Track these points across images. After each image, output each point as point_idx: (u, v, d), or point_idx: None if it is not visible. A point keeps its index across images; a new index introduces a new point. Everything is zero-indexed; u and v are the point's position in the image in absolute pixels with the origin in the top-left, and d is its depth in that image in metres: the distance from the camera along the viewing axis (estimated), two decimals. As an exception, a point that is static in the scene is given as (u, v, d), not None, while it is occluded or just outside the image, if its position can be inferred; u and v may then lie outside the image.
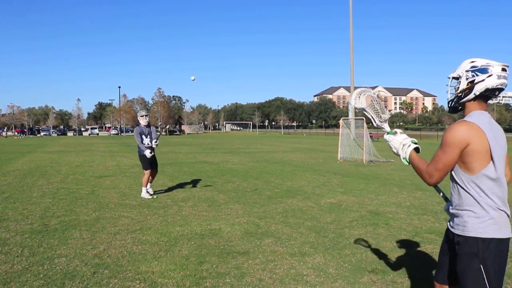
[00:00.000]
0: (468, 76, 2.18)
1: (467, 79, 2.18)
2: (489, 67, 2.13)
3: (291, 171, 12.95)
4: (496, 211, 2.08)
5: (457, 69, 2.27)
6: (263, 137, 57.40)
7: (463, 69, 2.22)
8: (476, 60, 2.19)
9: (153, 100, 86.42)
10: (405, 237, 5.31)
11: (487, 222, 2.07)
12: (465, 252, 2.11)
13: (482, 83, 2.13)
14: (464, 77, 2.20)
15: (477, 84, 2.14)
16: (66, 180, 10.70)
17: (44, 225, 5.81)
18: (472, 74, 2.17)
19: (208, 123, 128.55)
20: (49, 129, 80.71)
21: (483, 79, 2.13)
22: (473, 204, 2.10)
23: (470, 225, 2.11)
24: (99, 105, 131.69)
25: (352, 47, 32.69)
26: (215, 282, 3.79)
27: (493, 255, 2.06)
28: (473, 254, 2.08)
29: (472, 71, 2.17)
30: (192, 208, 7.07)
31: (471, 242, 2.09)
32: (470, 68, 2.18)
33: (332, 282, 3.81)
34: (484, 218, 2.08)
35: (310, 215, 6.59)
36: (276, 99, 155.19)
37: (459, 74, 2.24)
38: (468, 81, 2.17)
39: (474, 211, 2.10)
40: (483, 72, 2.13)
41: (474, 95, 2.16)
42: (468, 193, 2.12)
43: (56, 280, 3.78)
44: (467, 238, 2.11)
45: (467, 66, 2.21)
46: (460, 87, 2.22)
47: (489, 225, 2.07)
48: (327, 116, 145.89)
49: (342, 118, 19.27)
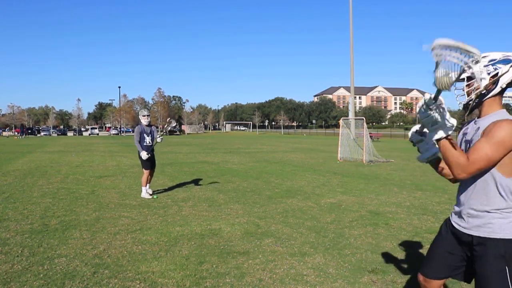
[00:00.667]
0: (489, 71, 2.04)
1: (489, 73, 2.04)
2: (510, 57, 2.02)
3: (291, 171, 12.95)
4: None
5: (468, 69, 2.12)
6: (263, 137, 57.41)
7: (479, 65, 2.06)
8: (490, 54, 2.07)
9: (153, 100, 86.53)
10: (405, 237, 5.31)
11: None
12: (491, 253, 2.03)
13: (507, 75, 2.01)
14: (484, 72, 2.04)
15: (502, 76, 2.01)
16: (66, 180, 10.71)
17: (44, 225, 5.81)
18: (493, 67, 2.03)
19: (208, 123, 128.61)
20: (49, 129, 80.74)
21: (507, 70, 2.01)
22: (501, 206, 2.02)
23: (497, 226, 2.02)
24: (99, 105, 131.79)
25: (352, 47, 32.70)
26: (215, 282, 3.79)
27: None
28: (499, 255, 2.00)
29: (492, 64, 2.04)
30: (192, 208, 7.08)
31: (497, 244, 2.02)
32: (488, 63, 2.05)
33: (332, 282, 3.82)
34: (511, 219, 2.01)
35: (310, 215, 6.59)
36: (276, 99, 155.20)
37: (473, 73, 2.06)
38: (491, 75, 2.04)
39: (501, 212, 2.02)
40: (506, 63, 2.02)
41: (500, 88, 2.03)
42: (498, 194, 2.02)
43: (56, 280, 3.78)
44: (493, 239, 2.02)
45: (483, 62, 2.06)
46: (481, 84, 2.05)
47: None
48: (327, 116, 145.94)
49: (342, 118, 19.28)
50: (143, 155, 8.09)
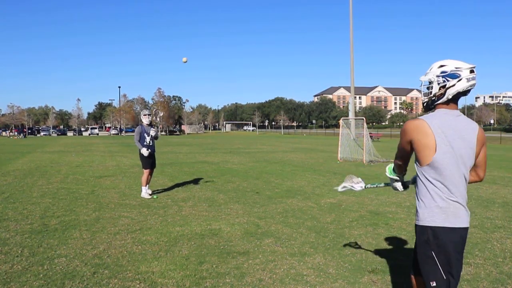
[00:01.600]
0: (439, 81, 2.29)
1: (439, 84, 2.30)
2: (459, 72, 2.25)
3: (291, 171, 12.95)
4: (444, 201, 2.21)
5: (428, 73, 2.37)
6: (263, 137, 57.41)
7: (433, 74, 2.33)
8: (446, 64, 2.29)
9: (153, 100, 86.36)
10: (405, 237, 5.31)
11: (434, 211, 2.22)
12: (419, 240, 2.30)
13: (454, 88, 2.25)
14: (435, 82, 2.31)
15: (449, 89, 2.27)
16: (66, 180, 10.70)
17: (44, 225, 5.81)
18: (443, 79, 2.28)
19: (208, 123, 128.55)
20: (49, 129, 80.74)
21: (454, 84, 2.25)
22: (424, 195, 2.28)
23: (421, 214, 2.28)
24: (99, 105, 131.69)
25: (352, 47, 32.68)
26: (215, 282, 3.79)
27: (443, 243, 2.19)
28: (424, 241, 2.25)
29: (443, 76, 2.28)
30: (192, 208, 7.07)
31: (422, 231, 2.27)
32: (440, 74, 2.29)
33: (332, 282, 3.81)
34: (431, 208, 2.23)
35: (310, 215, 6.59)
36: (276, 99, 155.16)
37: (430, 79, 2.35)
38: (440, 86, 2.29)
39: (424, 201, 2.27)
40: (453, 77, 2.25)
41: (447, 98, 2.29)
42: (421, 184, 2.30)
43: (56, 280, 3.78)
44: (420, 226, 2.29)
45: (437, 71, 2.31)
46: (433, 91, 2.33)
47: (436, 214, 2.22)
48: (327, 116, 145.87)
49: (342, 118, 19.28)
50: (143, 151, 8.09)
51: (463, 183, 2.27)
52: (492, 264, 4.30)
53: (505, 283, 3.80)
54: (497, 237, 5.35)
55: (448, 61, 2.30)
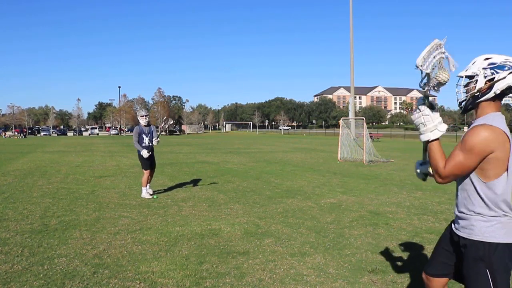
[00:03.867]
0: (486, 74, 2.04)
1: (486, 77, 2.04)
2: (510, 63, 2.02)
3: (291, 171, 12.96)
4: (504, 216, 2.03)
5: (470, 67, 2.13)
6: (263, 137, 57.41)
7: (478, 66, 2.08)
8: (493, 57, 2.07)
9: (153, 100, 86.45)
10: (405, 237, 5.31)
11: (495, 227, 2.02)
12: (472, 256, 2.07)
13: (504, 81, 2.01)
14: (481, 75, 2.05)
15: (498, 82, 2.01)
16: (66, 180, 10.71)
17: (44, 225, 5.81)
18: (491, 71, 2.04)
19: (208, 123, 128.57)
20: (49, 129, 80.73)
21: (504, 76, 2.01)
22: (483, 208, 2.04)
23: (478, 229, 2.06)
24: (99, 105, 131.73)
25: (352, 47, 32.70)
26: (215, 282, 3.79)
27: (499, 260, 2.01)
28: (479, 258, 2.04)
29: (491, 68, 2.04)
30: (192, 208, 7.08)
31: (478, 246, 2.05)
32: (487, 66, 2.05)
33: (332, 282, 3.82)
34: (492, 222, 2.03)
35: (310, 215, 6.59)
36: (276, 99, 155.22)
37: (474, 72, 2.09)
38: (487, 79, 2.04)
39: (483, 215, 2.05)
40: (504, 69, 2.02)
41: (494, 93, 2.03)
42: (479, 198, 2.05)
43: (56, 280, 3.78)
44: (474, 242, 2.06)
45: (483, 64, 2.07)
46: (477, 86, 2.07)
47: (497, 230, 2.02)
48: (327, 116, 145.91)
49: (342, 118, 19.28)
50: (143, 153, 8.08)
51: None
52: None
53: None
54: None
55: (493, 55, 2.07)
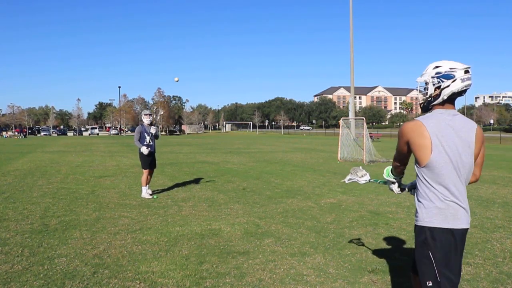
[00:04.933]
0: (434, 82, 2.32)
1: (434, 85, 2.33)
2: (453, 72, 2.27)
3: (291, 171, 12.95)
4: (442, 202, 2.23)
5: (423, 74, 2.41)
6: (263, 137, 57.41)
7: (429, 75, 2.36)
8: (441, 65, 2.32)
9: (153, 100, 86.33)
10: (405, 237, 5.31)
11: (432, 212, 2.24)
12: (417, 240, 2.32)
13: (448, 89, 2.28)
14: (430, 83, 2.34)
15: (443, 90, 2.29)
16: (66, 180, 10.71)
17: (44, 225, 5.81)
18: (437, 80, 2.31)
19: (208, 123, 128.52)
20: (49, 129, 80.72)
21: (449, 84, 2.28)
22: (423, 196, 2.30)
23: (420, 215, 2.31)
24: (99, 105, 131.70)
25: (352, 47, 32.69)
26: (215, 282, 3.79)
27: (440, 243, 2.22)
28: (422, 241, 2.28)
29: (438, 77, 2.31)
30: (192, 208, 7.08)
31: (421, 231, 2.29)
32: (435, 75, 2.32)
33: (332, 282, 3.82)
34: (430, 208, 2.25)
35: (310, 215, 6.59)
36: (276, 99, 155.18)
37: (426, 80, 2.38)
38: (435, 87, 2.32)
39: (423, 202, 2.30)
40: (448, 78, 2.28)
41: (442, 99, 2.31)
42: (421, 185, 2.32)
43: (56, 280, 3.78)
44: (418, 227, 2.32)
45: (432, 72, 2.34)
46: (428, 92, 2.37)
47: (435, 215, 2.24)
48: (327, 116, 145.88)
49: (342, 118, 19.28)
50: (143, 150, 8.10)
51: (462, 183, 2.27)
52: (492, 264, 4.30)
53: (505, 283, 3.80)
54: (497, 237, 5.35)
55: (443, 62, 2.33)
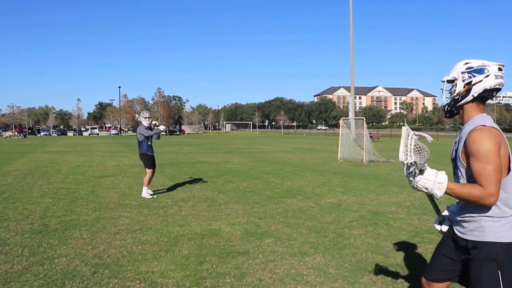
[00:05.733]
0: (464, 78, 2.13)
1: (464, 80, 2.13)
2: (486, 67, 2.09)
3: (291, 171, 12.95)
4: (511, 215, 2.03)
5: (451, 72, 2.22)
6: (263, 137, 57.40)
7: (458, 71, 2.17)
8: (471, 61, 2.15)
9: (153, 100, 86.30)
10: (405, 237, 5.31)
11: (505, 226, 2.02)
12: (483, 257, 2.05)
13: (480, 84, 2.09)
14: (460, 79, 2.15)
15: (474, 85, 2.10)
16: (66, 180, 10.70)
17: (44, 225, 5.81)
18: (468, 75, 2.12)
19: (208, 123, 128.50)
20: (49, 129, 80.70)
21: (481, 79, 2.08)
22: (493, 209, 2.03)
23: (489, 229, 2.04)
24: (99, 105, 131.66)
25: (352, 47, 32.69)
26: (215, 282, 3.79)
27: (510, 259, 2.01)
28: (491, 259, 2.03)
29: (468, 72, 2.12)
30: (192, 208, 7.08)
31: (489, 247, 2.04)
32: (465, 70, 2.14)
33: (332, 282, 3.82)
34: (502, 222, 2.02)
35: (310, 215, 6.59)
36: (276, 99, 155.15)
37: (454, 77, 2.18)
38: (465, 82, 2.13)
39: (492, 216, 2.04)
40: (480, 73, 2.09)
41: (472, 96, 2.11)
42: None
43: (56, 280, 3.78)
44: (485, 243, 2.05)
45: (462, 68, 2.16)
46: (456, 89, 2.16)
47: (507, 229, 2.02)
48: (327, 116, 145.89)
49: (342, 118, 19.28)
50: (161, 127, 8.54)
51: None
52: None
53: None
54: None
55: (473, 59, 2.15)
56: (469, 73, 2.11)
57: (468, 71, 2.12)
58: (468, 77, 2.12)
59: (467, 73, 2.12)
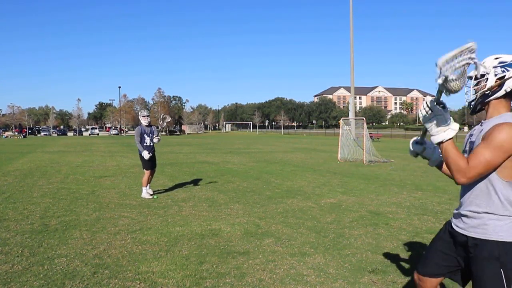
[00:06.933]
0: (497, 72, 2.05)
1: (496, 75, 2.05)
2: None
3: (291, 171, 12.95)
4: None
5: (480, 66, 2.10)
6: (263, 137, 57.40)
7: (489, 65, 2.09)
8: (502, 56, 2.09)
9: (153, 100, 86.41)
10: (405, 237, 5.31)
11: (509, 225, 2.00)
12: (485, 255, 2.03)
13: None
14: (492, 73, 2.06)
15: (508, 80, 2.03)
16: (66, 180, 10.71)
17: (44, 225, 5.81)
18: (502, 69, 2.05)
19: (208, 123, 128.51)
20: (49, 129, 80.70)
21: None
22: (498, 207, 2.01)
23: (492, 228, 2.01)
24: (99, 105, 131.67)
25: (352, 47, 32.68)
26: (215, 282, 3.79)
27: None
28: (494, 258, 2.00)
29: (502, 66, 2.05)
30: (192, 208, 7.08)
31: (491, 246, 2.01)
32: (498, 64, 2.07)
33: (332, 282, 3.82)
34: (506, 221, 2.00)
35: (310, 215, 6.59)
36: (276, 99, 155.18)
37: (484, 71, 2.09)
38: (498, 77, 2.05)
39: (496, 214, 2.01)
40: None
41: (504, 91, 2.04)
42: (496, 197, 2.01)
43: (56, 280, 3.78)
44: (488, 241, 2.02)
45: (494, 62, 2.08)
46: (487, 84, 2.07)
47: (511, 228, 1.99)
48: (327, 116, 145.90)
49: (342, 118, 19.28)
50: (144, 154, 8.10)
51: None
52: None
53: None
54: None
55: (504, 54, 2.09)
56: (502, 67, 2.05)
57: (501, 66, 2.06)
58: (501, 71, 2.05)
59: (499, 67, 2.06)
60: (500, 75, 2.04)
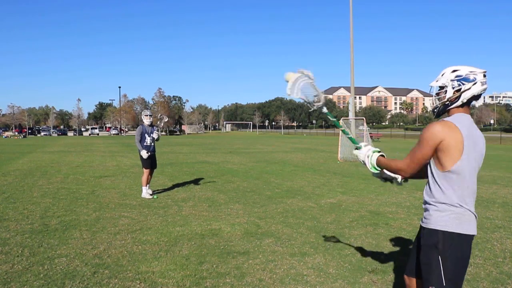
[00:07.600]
0: (454, 85, 2.29)
1: (453, 88, 2.29)
2: (473, 75, 2.27)
3: (291, 171, 12.95)
4: (460, 207, 2.21)
5: (440, 78, 2.38)
6: (263, 137, 57.40)
7: (447, 78, 2.33)
8: (459, 69, 2.31)
9: (153, 100, 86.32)
10: (405, 237, 5.31)
11: (449, 216, 2.21)
12: (427, 243, 2.26)
13: (469, 91, 2.26)
14: (450, 86, 2.31)
15: (464, 93, 2.26)
16: (66, 180, 10.71)
17: (44, 225, 5.81)
18: (458, 83, 2.28)
19: (208, 123, 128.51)
20: (50, 129, 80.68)
21: (469, 87, 2.26)
22: (439, 199, 2.24)
23: (434, 218, 2.25)
24: (99, 105, 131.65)
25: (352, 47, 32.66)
26: (215, 282, 3.79)
27: (452, 249, 2.18)
28: (433, 245, 2.22)
29: (458, 80, 2.28)
30: (192, 208, 7.08)
31: (432, 234, 2.23)
32: (455, 78, 2.30)
33: (332, 282, 3.82)
34: (447, 212, 2.21)
35: (310, 215, 6.59)
36: (276, 99, 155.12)
37: (444, 83, 2.34)
38: (455, 90, 2.29)
39: (438, 205, 2.24)
40: (469, 81, 2.26)
41: (461, 102, 2.28)
42: (437, 188, 2.25)
43: (56, 280, 3.78)
44: (430, 230, 2.25)
45: (451, 76, 2.31)
46: (446, 96, 2.32)
47: (451, 220, 2.20)
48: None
49: (342, 118, 19.29)
50: (143, 154, 8.11)
51: (475, 191, 2.29)
52: (492, 264, 4.30)
53: (505, 283, 3.81)
54: (497, 237, 5.35)
55: (459, 67, 2.32)
56: (459, 81, 2.28)
57: (457, 79, 2.29)
58: (457, 84, 2.28)
59: (456, 81, 2.29)
60: (457, 88, 2.29)
